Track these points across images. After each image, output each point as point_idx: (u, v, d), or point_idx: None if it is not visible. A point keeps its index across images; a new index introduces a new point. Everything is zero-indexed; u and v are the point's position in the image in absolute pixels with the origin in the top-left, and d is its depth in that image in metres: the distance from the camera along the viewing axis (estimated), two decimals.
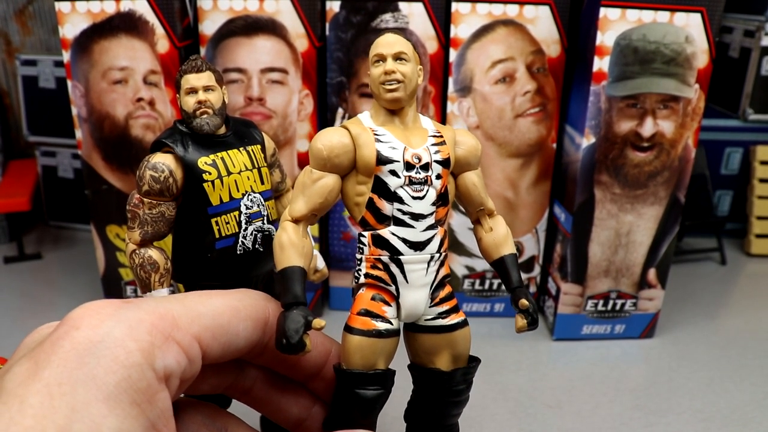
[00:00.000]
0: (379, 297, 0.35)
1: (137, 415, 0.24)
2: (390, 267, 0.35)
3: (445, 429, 0.38)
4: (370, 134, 0.34)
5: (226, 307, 0.30)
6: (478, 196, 0.38)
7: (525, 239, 0.68)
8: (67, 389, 0.23)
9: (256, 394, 0.34)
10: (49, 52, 0.91)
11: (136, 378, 0.24)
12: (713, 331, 0.69)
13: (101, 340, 0.24)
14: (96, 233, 0.66)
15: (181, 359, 0.27)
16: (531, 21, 0.60)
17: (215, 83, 0.39)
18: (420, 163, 0.35)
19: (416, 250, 0.35)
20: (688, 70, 0.57)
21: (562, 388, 0.59)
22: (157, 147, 0.39)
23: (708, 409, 0.56)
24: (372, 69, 0.35)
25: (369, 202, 0.34)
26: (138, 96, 0.60)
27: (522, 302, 0.36)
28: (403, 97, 0.35)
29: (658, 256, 0.64)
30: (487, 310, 0.71)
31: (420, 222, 0.35)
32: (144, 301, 0.28)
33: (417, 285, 0.35)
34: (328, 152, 0.34)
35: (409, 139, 0.35)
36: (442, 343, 0.36)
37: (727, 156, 0.90)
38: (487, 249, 0.38)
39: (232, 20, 0.60)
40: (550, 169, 0.65)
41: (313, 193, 0.34)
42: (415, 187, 0.34)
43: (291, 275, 0.32)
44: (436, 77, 0.63)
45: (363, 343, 0.34)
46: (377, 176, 0.34)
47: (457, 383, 0.37)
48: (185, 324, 0.28)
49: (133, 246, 0.39)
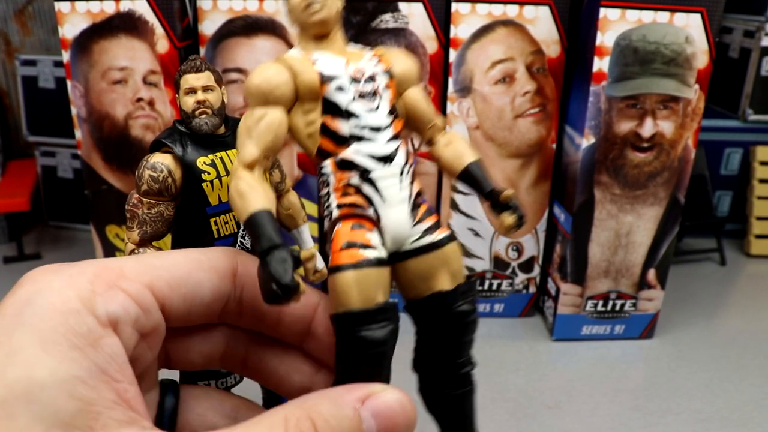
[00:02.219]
0: (358, 225, 0.32)
1: (79, 358, 0.23)
2: (362, 188, 0.32)
3: (459, 364, 0.35)
4: (307, 59, 0.33)
5: (186, 260, 0.29)
6: (426, 112, 0.37)
7: (525, 239, 0.68)
8: (3, 339, 0.23)
9: (252, 363, 0.32)
10: (49, 52, 0.91)
11: (73, 323, 0.24)
12: (713, 332, 0.69)
13: (38, 291, 0.24)
14: (95, 233, 0.66)
15: (129, 306, 0.26)
16: (531, 21, 0.60)
17: (214, 83, 0.39)
18: (364, 75, 0.33)
19: (385, 163, 0.33)
20: (688, 70, 0.57)
21: (561, 388, 0.59)
22: (156, 147, 0.39)
23: (707, 409, 0.56)
24: (291, 2, 0.33)
25: (323, 128, 0.32)
26: (138, 96, 0.60)
27: (505, 195, 0.35)
28: (330, 18, 0.33)
29: (657, 256, 0.64)
30: (487, 310, 0.71)
31: (381, 133, 0.33)
32: (95, 260, 0.27)
33: (395, 201, 0.33)
34: (266, 85, 0.32)
35: (347, 56, 0.33)
36: (436, 262, 0.33)
37: (727, 156, 0.90)
38: (450, 163, 0.37)
39: (231, 20, 0.60)
40: (549, 170, 0.65)
41: (261, 131, 0.31)
42: (367, 99, 0.33)
43: (259, 220, 0.29)
44: (435, 77, 0.63)
45: (357, 277, 0.30)
46: (325, 98, 0.32)
47: (462, 302, 0.34)
48: (133, 274, 0.27)
49: (132, 246, 0.39)
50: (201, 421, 0.31)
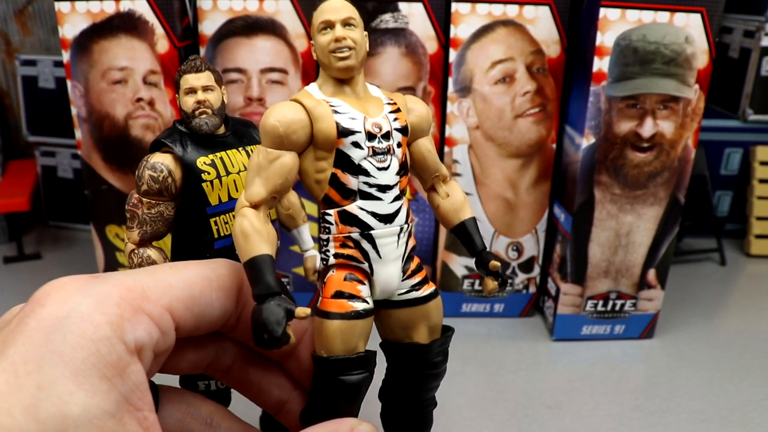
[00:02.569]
0: (351, 276, 0.33)
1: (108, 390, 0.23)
2: (361, 243, 0.33)
3: (423, 403, 0.38)
4: (326, 106, 0.32)
5: (199, 278, 0.29)
6: (433, 162, 0.37)
7: (525, 239, 0.68)
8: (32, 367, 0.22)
9: (235, 373, 0.33)
10: (49, 52, 0.91)
11: (104, 352, 0.24)
12: (713, 332, 0.69)
13: (67, 316, 0.24)
14: (95, 233, 0.66)
15: (153, 331, 0.26)
16: (531, 21, 0.60)
17: (214, 83, 0.39)
18: (381, 132, 0.33)
19: (386, 222, 0.33)
20: (688, 70, 0.57)
21: (561, 388, 0.59)
22: (156, 147, 0.39)
23: (707, 409, 0.56)
24: (319, 37, 0.33)
25: (332, 178, 0.33)
26: (138, 96, 0.60)
27: (493, 263, 0.36)
28: (355, 65, 0.33)
29: (657, 256, 0.64)
30: (487, 310, 0.71)
31: (387, 193, 0.33)
32: (112, 275, 0.27)
33: (390, 259, 0.34)
34: (284, 129, 0.31)
35: (366, 108, 0.33)
36: (418, 315, 0.35)
37: (727, 156, 0.90)
38: (447, 215, 0.38)
39: (231, 20, 0.60)
40: (549, 170, 0.65)
41: (272, 174, 0.31)
42: (379, 158, 0.33)
43: (261, 264, 0.30)
44: (435, 77, 0.63)
45: (343, 327, 0.32)
46: (339, 149, 0.32)
47: (435, 355, 0.36)
48: (155, 296, 0.27)
49: (132, 246, 0.39)
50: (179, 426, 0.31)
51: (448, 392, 0.57)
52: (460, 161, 0.64)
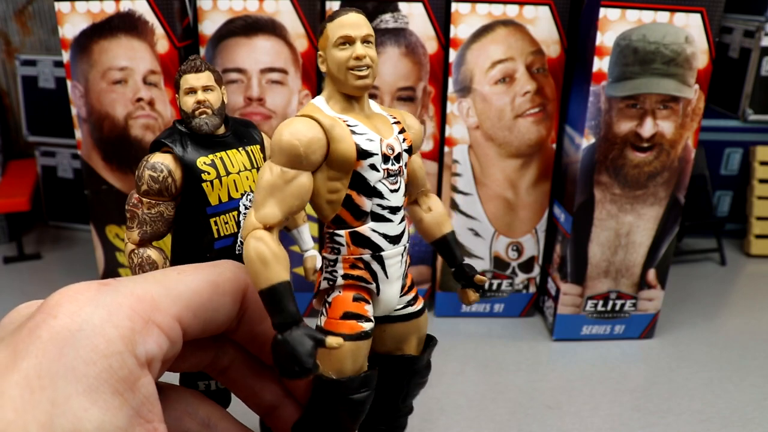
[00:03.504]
0: (359, 297, 0.33)
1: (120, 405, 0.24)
2: (371, 265, 0.33)
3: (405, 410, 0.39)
4: (344, 126, 0.31)
5: (207, 284, 0.29)
6: (422, 178, 0.38)
7: (525, 239, 0.68)
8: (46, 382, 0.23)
9: (232, 374, 0.34)
10: (49, 52, 0.91)
11: (117, 367, 0.24)
12: (713, 332, 0.69)
13: (80, 329, 0.24)
14: (95, 233, 0.66)
15: (163, 342, 0.26)
16: (531, 21, 0.60)
17: (214, 83, 0.39)
18: (393, 153, 0.33)
19: (395, 243, 0.33)
20: (687, 70, 0.57)
21: (561, 388, 0.59)
22: (156, 147, 0.39)
23: (707, 409, 0.56)
24: (335, 51, 0.32)
25: (347, 199, 0.32)
26: (138, 96, 0.60)
27: (479, 278, 0.38)
28: (371, 84, 0.32)
29: (657, 256, 0.64)
30: (487, 310, 0.71)
31: (396, 215, 0.33)
32: (122, 283, 0.27)
33: (394, 278, 0.34)
34: (305, 148, 0.30)
35: (378, 129, 0.33)
36: (411, 329, 0.37)
37: (727, 156, 0.90)
38: (429, 228, 0.39)
39: (231, 20, 0.60)
40: (549, 170, 0.65)
41: (288, 195, 0.30)
42: (391, 180, 0.33)
43: (283, 292, 0.28)
44: (435, 77, 0.63)
45: (353, 348, 0.32)
46: (356, 171, 0.32)
47: (424, 365, 0.38)
48: (165, 305, 0.27)
49: (132, 246, 0.39)
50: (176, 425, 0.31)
51: (448, 392, 0.57)
52: (460, 161, 0.64)
